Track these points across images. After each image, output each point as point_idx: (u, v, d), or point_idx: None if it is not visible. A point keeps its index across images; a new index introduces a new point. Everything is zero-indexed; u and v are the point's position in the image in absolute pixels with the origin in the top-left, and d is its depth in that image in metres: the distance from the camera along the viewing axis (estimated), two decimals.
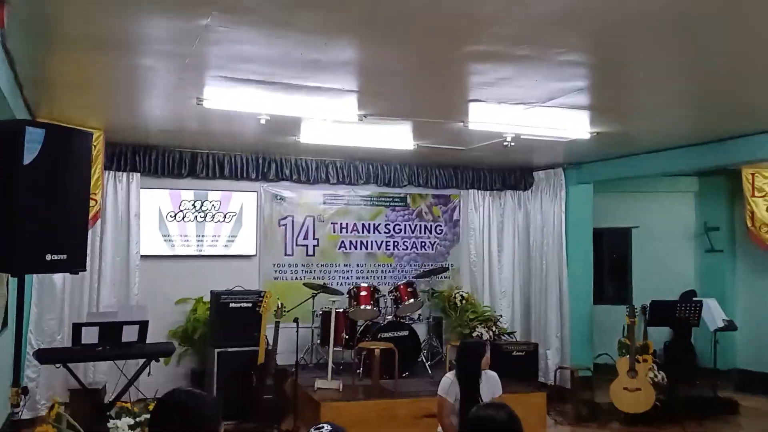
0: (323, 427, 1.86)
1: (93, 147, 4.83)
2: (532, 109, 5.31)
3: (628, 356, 6.90)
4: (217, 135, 6.81)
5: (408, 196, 8.66)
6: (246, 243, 7.91)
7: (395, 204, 8.61)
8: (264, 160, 7.85)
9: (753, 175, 8.50)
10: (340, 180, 8.22)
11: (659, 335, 8.37)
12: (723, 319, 7.53)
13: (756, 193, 8.53)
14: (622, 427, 6.81)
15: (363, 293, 7.39)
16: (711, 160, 6.95)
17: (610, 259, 9.67)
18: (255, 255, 7.98)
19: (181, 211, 7.67)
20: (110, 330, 5.05)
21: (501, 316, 8.40)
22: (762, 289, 8.84)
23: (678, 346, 8.66)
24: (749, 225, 8.61)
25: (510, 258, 8.86)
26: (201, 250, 7.72)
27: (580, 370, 7.63)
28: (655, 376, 7.00)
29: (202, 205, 7.73)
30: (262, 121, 5.51)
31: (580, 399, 7.38)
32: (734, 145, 6.50)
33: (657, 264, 9.30)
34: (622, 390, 6.82)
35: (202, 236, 7.74)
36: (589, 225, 8.55)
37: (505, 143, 6.26)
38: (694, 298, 8.14)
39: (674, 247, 9.40)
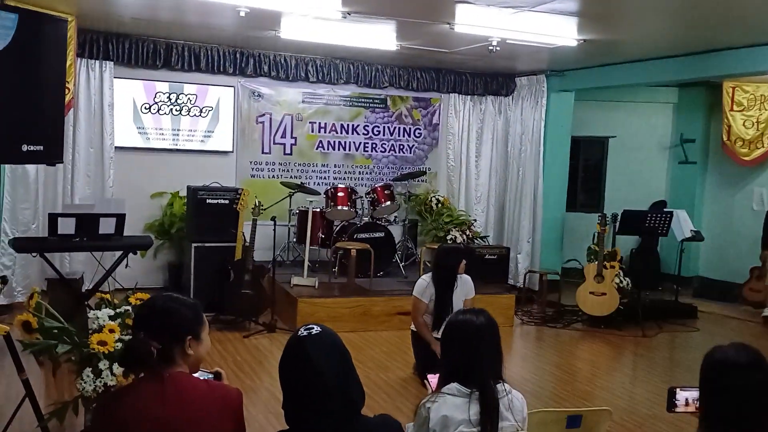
0: (313, 328, 1.88)
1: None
2: (520, 13, 5.18)
3: (596, 262, 7.14)
4: (194, 26, 6.56)
5: (388, 98, 8.54)
6: (223, 139, 7.81)
7: (375, 106, 8.51)
8: (242, 54, 7.63)
9: (733, 89, 8.54)
10: (320, 79, 8.05)
11: (626, 242, 8.63)
12: (691, 230, 7.76)
13: (735, 107, 8.61)
14: (585, 327, 7.15)
15: (340, 194, 7.43)
16: (693, 71, 6.95)
17: (586, 167, 9.79)
18: (232, 152, 7.91)
19: (156, 103, 7.50)
20: (87, 222, 5.04)
21: (475, 220, 8.55)
22: (727, 202, 9.10)
23: (644, 254, 8.97)
24: (725, 139, 8.75)
25: (487, 164, 8.91)
26: (177, 144, 7.62)
27: (549, 274, 7.89)
28: (621, 281, 7.28)
29: (177, 98, 7.55)
30: (242, 14, 5.32)
31: (547, 301, 7.68)
32: (717, 57, 6.48)
33: (631, 174, 9.46)
34: (589, 294, 7.10)
35: (178, 130, 7.62)
36: (567, 133, 8.59)
37: (491, 48, 6.16)
38: (665, 209, 8.35)
39: (649, 158, 9.53)
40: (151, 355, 1.91)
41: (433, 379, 2.52)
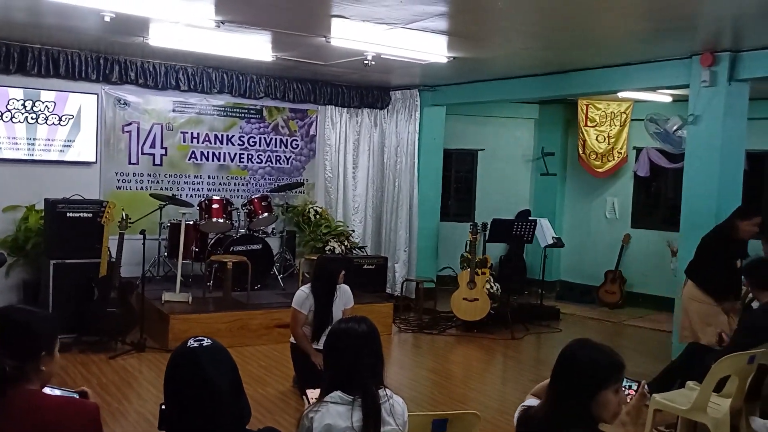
0: (204, 340, 1.84)
1: None
2: (394, 29, 5.32)
3: (468, 269, 7.44)
4: (52, 29, 6.14)
5: (264, 109, 8.44)
6: (85, 149, 7.36)
7: (251, 116, 8.38)
8: (106, 60, 7.24)
9: (587, 106, 9.26)
10: (192, 87, 7.80)
11: (496, 249, 9.08)
12: (553, 237, 8.29)
13: (588, 123, 9.33)
14: (460, 332, 7.42)
15: (215, 206, 7.24)
16: (552, 90, 7.44)
17: (457, 178, 10.19)
18: (95, 162, 7.47)
19: (9, 110, 6.93)
20: None
21: (353, 231, 8.63)
22: (584, 210, 9.83)
23: (512, 261, 9.47)
24: (580, 152, 9.45)
25: (364, 175, 9.03)
26: (32, 155, 7.08)
27: (425, 282, 8.12)
28: (491, 287, 7.63)
29: (33, 105, 7.03)
30: (107, 18, 5.04)
31: (423, 308, 7.89)
32: (573, 77, 6.99)
33: (498, 184, 9.97)
34: (462, 300, 7.38)
35: (34, 139, 7.09)
36: (440, 146, 8.91)
37: (366, 61, 6.26)
38: (530, 217, 8.87)
39: (514, 170, 10.08)
40: (3, 374, 1.79)
41: (312, 394, 2.52)
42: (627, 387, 2.31)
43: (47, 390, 1.98)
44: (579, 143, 9.43)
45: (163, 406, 1.85)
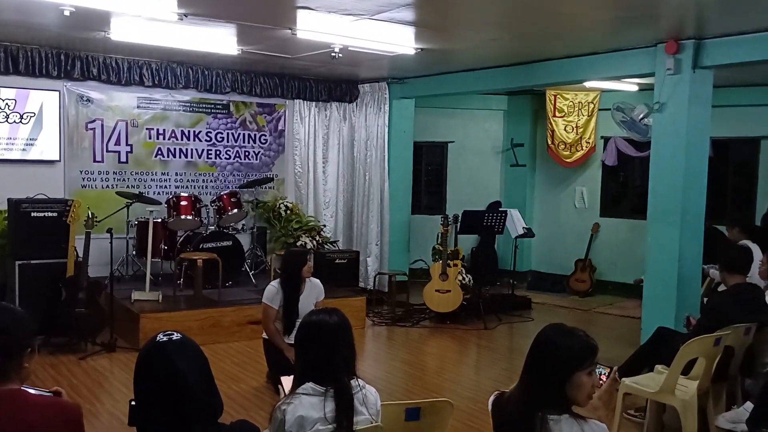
0: (173, 334, 1.82)
1: None
2: (360, 21, 5.29)
3: (440, 261, 7.46)
4: (10, 25, 5.98)
5: (231, 104, 8.35)
6: (48, 147, 7.20)
7: (217, 111, 8.28)
8: (67, 56, 7.09)
9: (555, 96, 9.33)
10: (156, 83, 7.68)
11: (467, 241, 9.12)
12: (523, 227, 8.34)
13: (557, 114, 9.41)
14: (433, 324, 7.44)
15: (183, 203, 7.14)
16: (520, 80, 7.44)
17: (428, 171, 10.20)
18: (59, 161, 7.31)
19: None
20: None
21: (325, 225, 8.60)
22: (553, 200, 9.92)
23: (483, 252, 9.52)
24: (549, 142, 9.53)
25: (335, 169, 8.99)
26: None
27: (397, 275, 8.12)
28: (463, 279, 7.66)
29: None
30: (66, 13, 4.93)
31: (396, 301, 7.90)
32: (541, 67, 7.02)
33: (469, 176, 10.01)
34: (435, 292, 7.40)
35: None
36: (410, 139, 8.91)
37: (333, 54, 6.23)
38: (500, 209, 8.92)
39: (484, 161, 10.14)
40: None
41: (286, 381, 2.50)
42: (599, 374, 2.34)
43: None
44: (548, 134, 9.50)
45: (133, 402, 1.82)
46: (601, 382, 2.34)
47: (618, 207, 9.45)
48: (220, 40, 6.38)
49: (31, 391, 1.98)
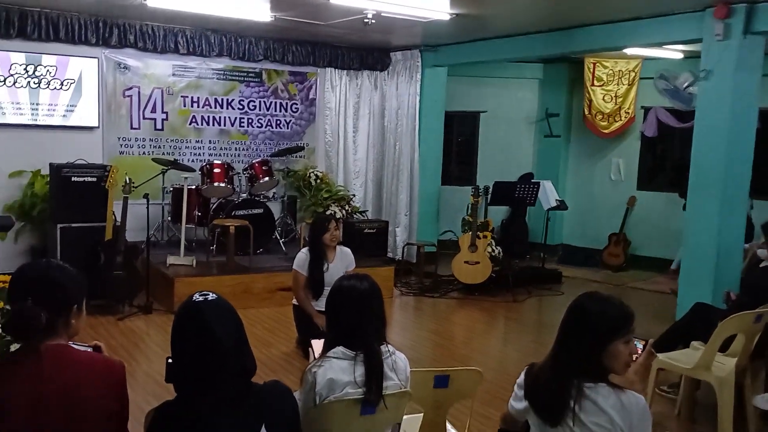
0: (208, 294, 1.87)
1: None
2: None
3: (470, 233, 7.45)
4: None
5: (263, 72, 8.37)
6: (87, 114, 7.33)
7: (250, 79, 8.31)
8: (105, 24, 7.17)
9: (594, 64, 9.11)
10: (191, 51, 7.73)
11: (498, 213, 9.07)
12: (556, 199, 8.27)
13: (595, 82, 9.20)
14: (461, 295, 7.46)
15: (216, 170, 7.23)
16: (557, 47, 7.25)
17: (459, 141, 10.13)
18: (98, 127, 7.45)
19: (12, 75, 6.89)
20: None
21: (354, 195, 8.63)
22: (588, 173, 9.78)
23: (514, 224, 9.44)
24: (586, 112, 9.35)
25: (365, 139, 8.98)
26: (36, 120, 7.07)
27: (426, 246, 8.14)
28: (493, 251, 7.64)
29: (35, 70, 6.98)
30: None
31: (424, 272, 7.93)
32: (579, 33, 6.83)
33: (501, 147, 9.91)
34: (463, 263, 7.41)
35: (37, 104, 7.06)
36: (441, 108, 8.84)
37: (366, 20, 6.17)
38: (532, 180, 8.83)
39: (517, 132, 10.01)
40: (39, 325, 1.80)
41: (317, 345, 2.55)
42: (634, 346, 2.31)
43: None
44: (585, 103, 9.33)
45: (170, 360, 1.88)
46: (636, 355, 2.30)
47: (655, 180, 9.28)
48: (253, 6, 6.38)
49: (76, 347, 2.03)
